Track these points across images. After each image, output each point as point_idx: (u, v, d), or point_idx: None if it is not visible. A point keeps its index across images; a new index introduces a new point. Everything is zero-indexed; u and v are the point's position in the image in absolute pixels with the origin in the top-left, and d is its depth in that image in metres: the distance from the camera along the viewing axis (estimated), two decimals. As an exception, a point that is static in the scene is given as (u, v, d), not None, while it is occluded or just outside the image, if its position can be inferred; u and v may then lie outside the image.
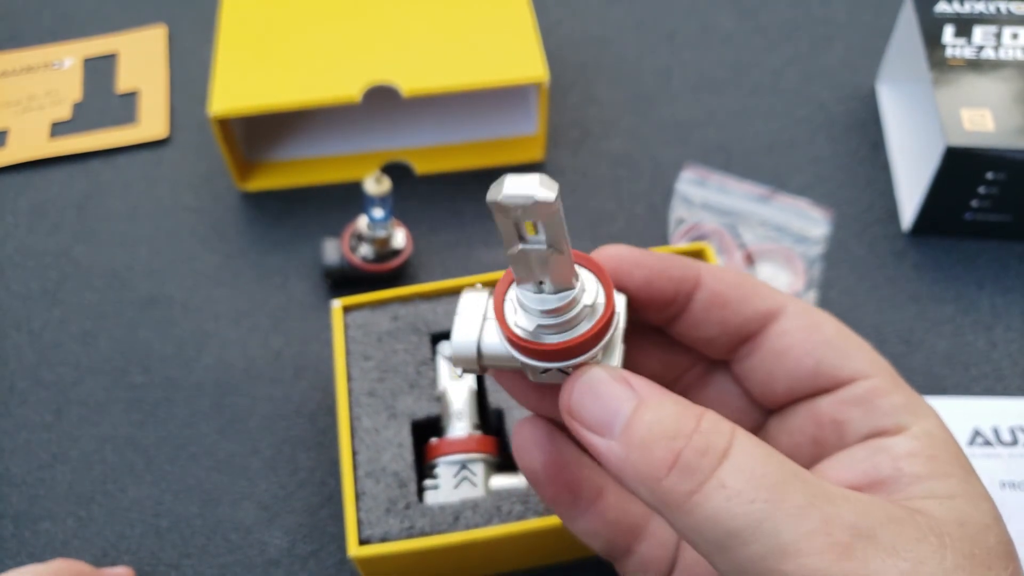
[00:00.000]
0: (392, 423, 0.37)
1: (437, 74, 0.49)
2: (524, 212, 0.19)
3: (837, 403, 0.25)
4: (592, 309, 0.23)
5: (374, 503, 0.35)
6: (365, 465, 0.36)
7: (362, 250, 0.46)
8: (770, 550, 0.19)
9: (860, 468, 0.23)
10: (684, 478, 0.20)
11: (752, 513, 0.19)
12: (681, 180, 0.51)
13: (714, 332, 0.26)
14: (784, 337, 0.25)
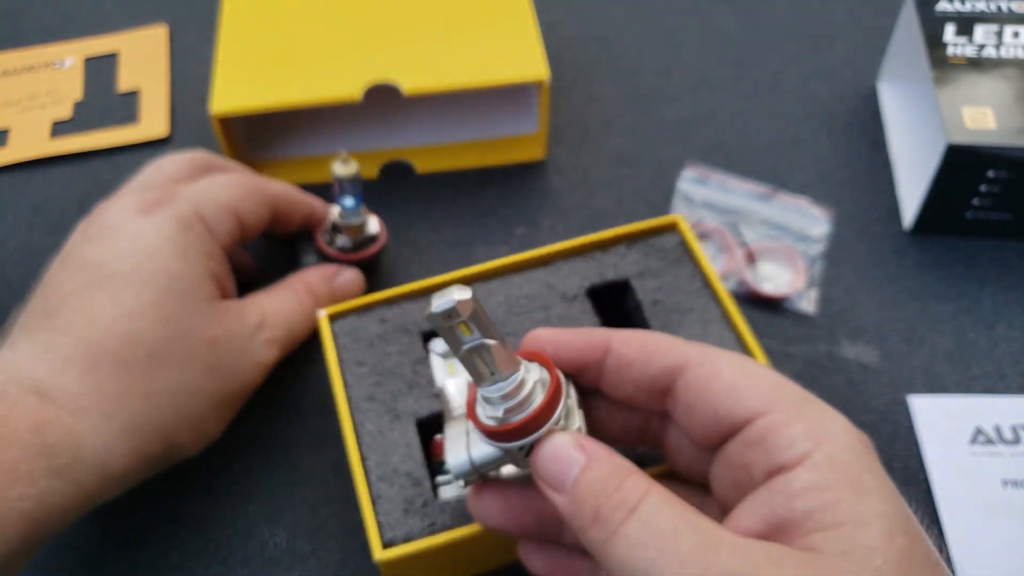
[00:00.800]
0: (396, 425, 0.37)
1: (438, 73, 0.49)
2: (452, 314, 0.24)
3: (740, 446, 0.26)
4: (542, 384, 0.27)
5: (391, 505, 0.35)
6: (376, 469, 0.36)
7: (339, 241, 0.45)
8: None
9: (760, 513, 0.24)
10: (601, 529, 0.24)
11: (644, 560, 0.23)
12: (682, 179, 0.51)
13: (630, 390, 0.29)
14: (687, 391, 0.27)
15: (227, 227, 0.40)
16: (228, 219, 0.40)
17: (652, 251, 0.41)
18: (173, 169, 0.42)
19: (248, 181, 0.42)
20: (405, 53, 0.50)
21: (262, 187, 0.42)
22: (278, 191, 0.43)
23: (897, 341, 0.45)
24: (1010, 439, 0.41)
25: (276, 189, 0.43)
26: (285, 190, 0.43)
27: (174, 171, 0.41)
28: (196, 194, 0.40)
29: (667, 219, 0.42)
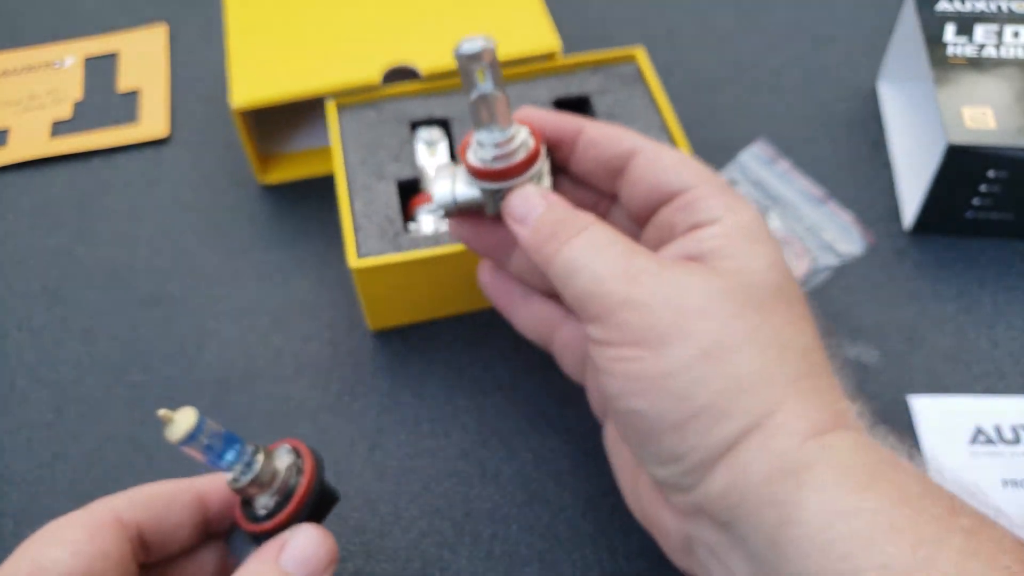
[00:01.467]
0: (381, 183, 0.45)
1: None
2: (477, 57, 0.29)
3: (670, 210, 0.32)
4: (525, 146, 0.32)
5: (369, 233, 0.43)
6: (361, 210, 0.44)
7: (258, 505, 0.31)
8: (592, 279, 0.29)
9: (675, 250, 0.31)
10: (553, 241, 0.31)
11: (584, 258, 0.30)
12: (747, 151, 0.52)
13: (591, 166, 0.35)
14: (637, 169, 0.33)
15: None
16: None
17: (612, 75, 0.50)
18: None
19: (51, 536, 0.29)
20: (417, 34, 0.51)
21: (84, 523, 0.29)
22: (128, 509, 0.30)
23: (897, 341, 0.45)
24: (1010, 439, 0.41)
25: (123, 508, 0.30)
26: (135, 499, 0.30)
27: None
28: None
29: (628, 51, 0.50)
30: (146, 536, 0.30)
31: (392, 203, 0.44)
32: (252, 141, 0.51)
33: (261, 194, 0.53)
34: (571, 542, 0.39)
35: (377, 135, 0.47)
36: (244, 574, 0.28)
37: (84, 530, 0.28)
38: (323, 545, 0.29)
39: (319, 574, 0.29)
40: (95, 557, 0.28)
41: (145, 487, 0.31)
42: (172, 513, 0.30)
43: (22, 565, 0.27)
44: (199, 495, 0.31)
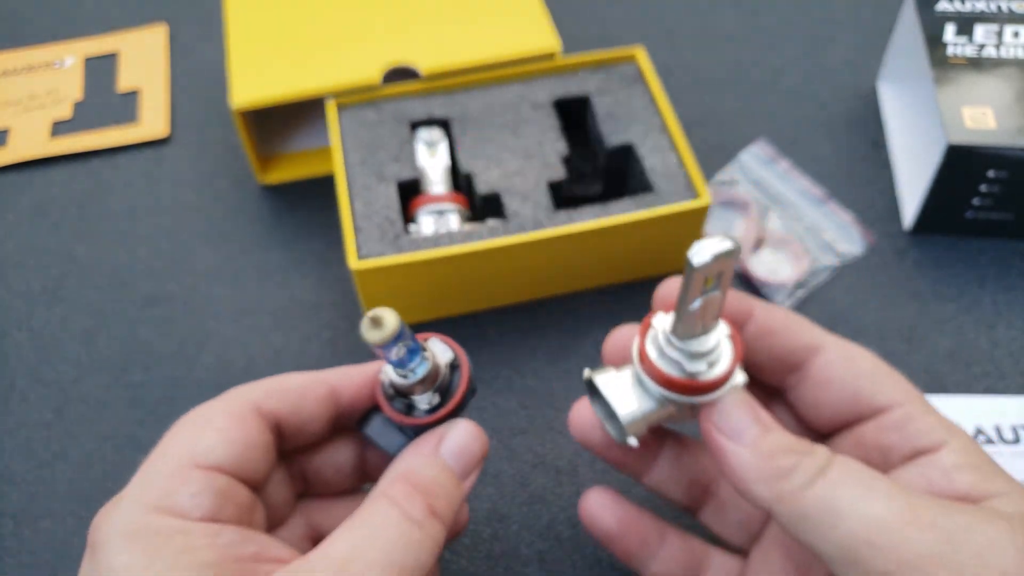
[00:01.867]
0: (381, 184, 0.45)
1: (453, 51, 0.49)
2: (723, 260, 0.24)
3: (877, 429, 0.28)
4: (728, 337, 0.28)
5: (369, 235, 0.43)
6: (361, 210, 0.44)
7: (421, 404, 0.30)
8: (867, 524, 0.24)
9: (916, 484, 0.27)
10: (801, 477, 0.25)
11: (851, 496, 0.24)
12: (747, 151, 0.52)
13: (763, 358, 0.30)
14: (826, 369, 0.29)
15: (195, 495, 0.26)
16: (193, 483, 0.26)
17: (612, 75, 0.49)
18: None
19: (211, 416, 0.28)
20: (417, 34, 0.51)
21: (236, 411, 0.28)
22: (265, 399, 0.29)
23: (897, 341, 0.45)
24: (1010, 439, 0.41)
25: (261, 398, 0.29)
26: (271, 390, 0.29)
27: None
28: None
29: (628, 51, 0.50)
30: (282, 427, 0.29)
31: (392, 204, 0.44)
32: (252, 141, 0.51)
33: (261, 194, 0.53)
34: (571, 542, 0.39)
35: (377, 135, 0.47)
36: (406, 464, 0.28)
37: (230, 418, 0.27)
38: (478, 440, 0.30)
39: (472, 467, 0.29)
40: (245, 445, 0.27)
41: (279, 378, 0.30)
42: (306, 405, 0.29)
43: (176, 450, 0.27)
44: (332, 389, 0.30)
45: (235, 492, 0.27)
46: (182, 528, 0.25)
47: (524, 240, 0.42)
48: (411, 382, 0.29)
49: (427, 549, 0.26)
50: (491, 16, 0.52)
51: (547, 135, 0.47)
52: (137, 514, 0.25)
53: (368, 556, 0.25)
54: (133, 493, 0.26)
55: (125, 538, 0.24)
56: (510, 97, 0.49)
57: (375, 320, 0.26)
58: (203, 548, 0.24)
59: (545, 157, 0.46)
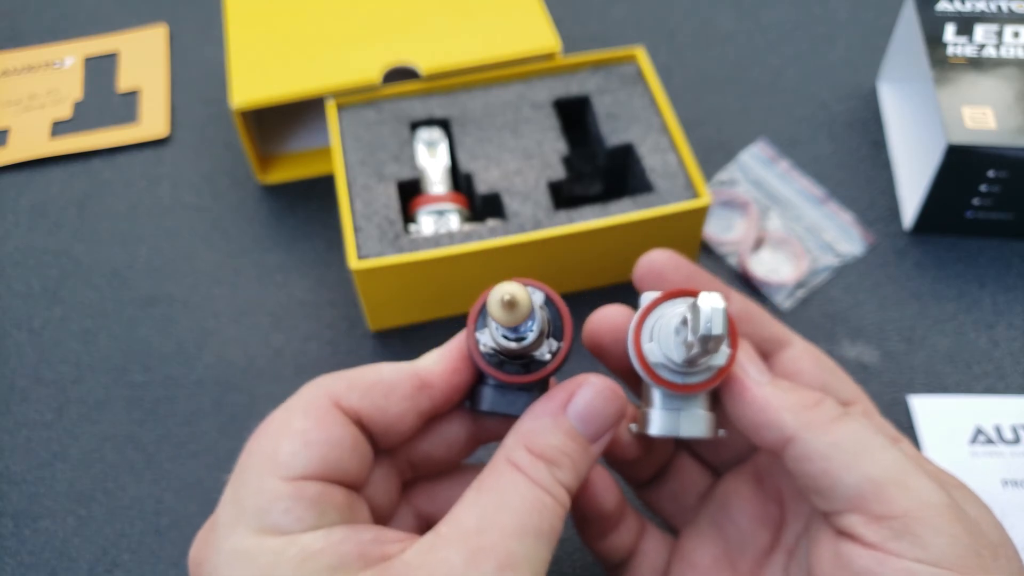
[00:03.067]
0: (381, 184, 0.45)
1: (453, 51, 0.49)
2: (715, 337, 0.25)
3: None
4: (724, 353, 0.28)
5: (369, 235, 0.43)
6: (361, 210, 0.44)
7: (543, 356, 0.27)
8: (886, 468, 0.25)
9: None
10: (827, 410, 0.27)
11: (877, 438, 0.26)
12: (747, 151, 0.52)
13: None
14: (796, 362, 0.30)
15: (289, 511, 0.24)
16: (284, 498, 0.24)
17: (612, 75, 0.50)
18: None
19: (300, 411, 0.26)
20: (417, 34, 0.51)
21: (322, 408, 0.26)
22: (346, 394, 0.27)
23: (897, 341, 0.45)
24: (1010, 439, 0.41)
25: (342, 393, 0.27)
26: (354, 383, 0.27)
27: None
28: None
29: (628, 51, 0.50)
30: (366, 425, 0.27)
31: (392, 204, 0.44)
32: (252, 141, 0.51)
33: (261, 194, 0.53)
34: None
35: (377, 135, 0.47)
36: (529, 428, 0.26)
37: (309, 418, 0.26)
38: (612, 400, 0.27)
39: (604, 429, 0.27)
40: (329, 444, 0.25)
41: (363, 372, 0.27)
42: (393, 403, 0.27)
43: (258, 464, 0.25)
44: (421, 382, 0.27)
45: (331, 497, 0.25)
46: (290, 542, 0.23)
47: (524, 240, 0.42)
48: (528, 342, 0.26)
49: (558, 515, 0.25)
50: (491, 16, 0.52)
51: (547, 135, 0.47)
52: (240, 539, 0.24)
53: (501, 523, 0.24)
54: (227, 517, 0.24)
55: (235, 563, 0.23)
56: (510, 97, 0.49)
57: (510, 303, 0.24)
58: (321, 552, 0.23)
59: (545, 157, 0.46)
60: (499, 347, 0.27)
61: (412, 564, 0.23)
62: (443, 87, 0.49)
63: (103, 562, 0.39)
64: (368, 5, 0.53)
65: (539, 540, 0.24)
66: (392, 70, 0.49)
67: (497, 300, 0.24)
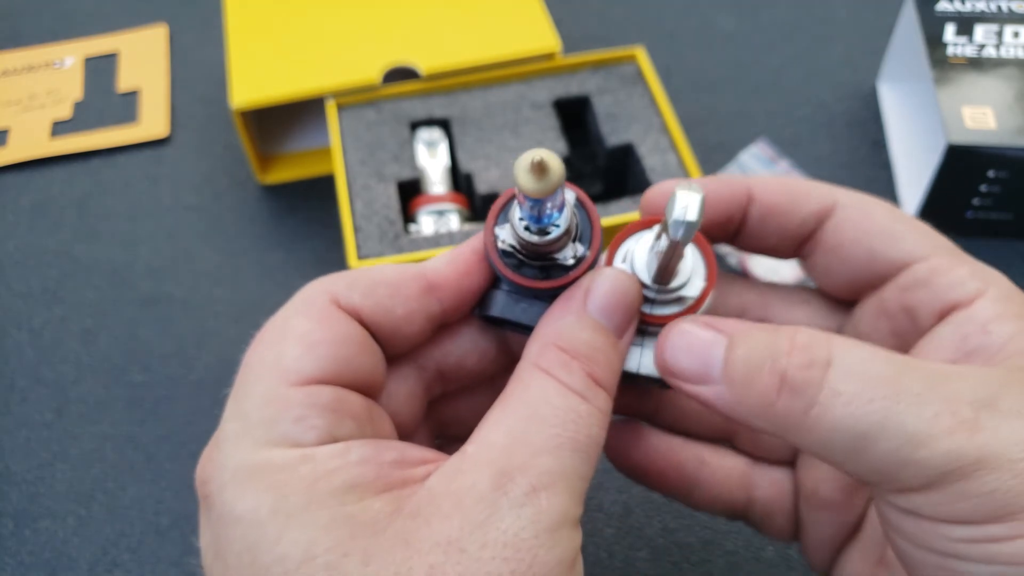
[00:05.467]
0: (381, 184, 0.45)
1: (453, 51, 0.49)
2: (692, 225, 0.21)
3: (901, 290, 0.25)
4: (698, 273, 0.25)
5: (369, 235, 0.43)
6: (361, 210, 0.44)
7: (565, 260, 0.25)
8: (901, 443, 0.20)
9: (949, 345, 0.23)
10: (795, 396, 0.21)
11: (875, 412, 0.20)
12: (747, 151, 0.52)
13: (774, 240, 0.27)
14: (837, 232, 0.26)
15: (301, 419, 0.22)
16: (294, 405, 0.22)
17: (612, 75, 0.50)
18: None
19: (298, 320, 0.24)
20: (417, 34, 0.51)
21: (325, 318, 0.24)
22: (347, 292, 0.24)
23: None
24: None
25: (342, 291, 0.24)
26: (354, 282, 0.24)
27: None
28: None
29: (628, 51, 0.50)
30: (369, 326, 0.24)
31: (392, 204, 0.44)
32: (252, 141, 0.51)
33: (261, 194, 0.53)
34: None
35: (377, 135, 0.47)
36: (554, 328, 0.24)
37: (311, 319, 0.23)
38: (630, 287, 0.24)
39: (628, 321, 0.24)
40: (337, 343, 0.23)
41: (364, 271, 0.25)
42: (398, 303, 0.24)
43: (262, 370, 0.23)
44: (429, 283, 0.25)
45: (346, 402, 0.22)
46: (303, 457, 0.21)
47: None
48: (553, 237, 0.23)
49: (596, 422, 0.22)
50: (491, 16, 0.52)
51: (547, 135, 0.47)
52: (248, 453, 0.21)
53: (533, 439, 0.21)
54: (232, 431, 0.22)
55: (243, 480, 0.21)
56: (510, 97, 0.49)
57: (540, 166, 0.21)
58: (335, 472, 0.21)
59: (545, 157, 0.46)
60: (520, 243, 0.24)
61: (435, 491, 0.21)
62: (443, 87, 0.49)
63: (103, 562, 0.39)
64: (368, 5, 0.53)
65: (575, 453, 0.21)
66: (392, 70, 0.49)
67: (526, 164, 0.21)
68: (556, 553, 0.20)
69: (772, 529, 0.29)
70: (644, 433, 0.29)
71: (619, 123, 0.47)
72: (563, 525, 0.21)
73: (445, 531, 0.20)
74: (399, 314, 0.24)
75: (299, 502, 0.20)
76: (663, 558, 0.38)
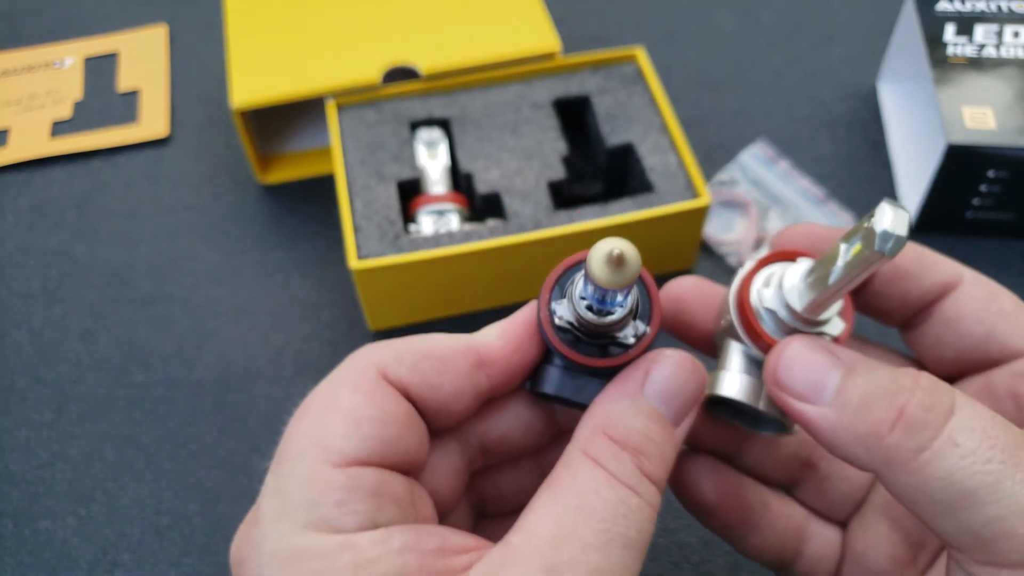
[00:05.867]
0: (381, 184, 0.45)
1: (453, 51, 0.49)
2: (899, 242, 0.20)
3: (1012, 375, 0.24)
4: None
5: (369, 235, 0.43)
6: (361, 210, 0.44)
7: (627, 339, 0.24)
8: (1010, 512, 0.19)
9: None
10: (910, 434, 0.20)
11: (990, 473, 0.19)
12: (747, 151, 0.52)
13: (894, 304, 0.26)
14: (959, 304, 0.25)
15: (343, 503, 0.21)
16: (336, 489, 0.21)
17: (612, 75, 0.50)
18: None
19: (345, 387, 0.23)
20: (417, 34, 0.51)
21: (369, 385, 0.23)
22: (394, 365, 0.23)
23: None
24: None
25: (389, 363, 0.23)
26: (403, 354, 0.24)
27: None
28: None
29: (628, 51, 0.50)
30: (415, 402, 0.23)
31: (392, 204, 0.44)
32: (252, 141, 0.51)
33: (261, 194, 0.53)
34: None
35: (377, 135, 0.47)
36: (606, 412, 0.23)
37: (358, 393, 0.22)
38: (693, 373, 0.23)
39: (687, 409, 0.23)
40: (384, 422, 0.22)
41: (413, 343, 0.24)
42: (447, 380, 0.24)
43: (304, 448, 0.22)
44: (480, 358, 0.24)
45: (389, 484, 0.22)
46: (344, 544, 0.20)
47: (524, 240, 0.42)
48: (616, 318, 0.23)
49: (647, 517, 0.21)
50: (491, 16, 0.52)
51: (547, 135, 0.47)
52: (287, 536, 0.21)
53: (582, 532, 0.20)
54: (272, 510, 0.21)
55: (281, 565, 0.20)
56: (510, 97, 0.49)
57: (619, 259, 0.20)
58: (376, 561, 0.20)
59: (545, 157, 0.46)
60: (579, 321, 0.23)
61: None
62: (443, 87, 0.49)
63: (103, 562, 0.39)
64: (368, 5, 0.53)
65: (626, 550, 0.21)
66: (392, 70, 0.49)
67: (604, 255, 0.20)
68: None
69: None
70: (716, 467, 0.28)
71: (619, 123, 0.47)
72: None
73: None
74: (447, 391, 0.24)
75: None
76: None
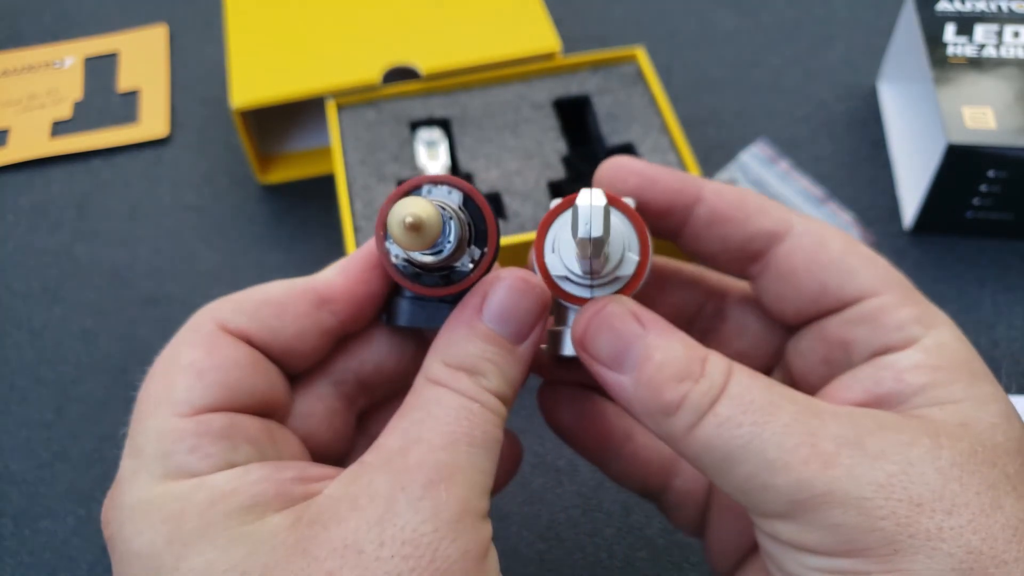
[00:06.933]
0: (381, 183, 0.45)
1: (453, 51, 0.50)
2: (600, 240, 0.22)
3: (843, 323, 0.25)
4: (629, 263, 0.25)
5: (369, 235, 0.43)
6: (361, 211, 0.44)
7: (464, 267, 0.24)
8: (760, 468, 0.21)
9: (863, 386, 0.24)
10: (686, 414, 0.22)
11: (741, 436, 0.21)
12: (747, 151, 0.52)
13: (716, 248, 0.27)
14: (789, 258, 0.25)
15: (194, 448, 0.22)
16: (185, 436, 0.22)
17: (612, 75, 0.50)
18: None
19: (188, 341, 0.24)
20: (417, 34, 0.51)
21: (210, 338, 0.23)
22: (232, 317, 0.24)
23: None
24: (1010, 439, 0.41)
25: (227, 316, 0.24)
26: (239, 305, 0.24)
27: None
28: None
29: (628, 51, 0.50)
30: (260, 348, 0.24)
31: None
32: (252, 141, 0.51)
33: (261, 194, 0.53)
34: (571, 542, 0.39)
35: (377, 135, 0.47)
36: (444, 341, 0.23)
37: (197, 348, 0.23)
38: (527, 292, 0.24)
39: (528, 325, 0.24)
40: (225, 369, 0.23)
41: (249, 293, 0.24)
42: (287, 323, 0.24)
43: (152, 406, 0.22)
44: (319, 297, 0.25)
45: (242, 428, 0.22)
46: (199, 484, 0.21)
47: (524, 240, 0.42)
48: (446, 254, 0.23)
49: (491, 422, 0.23)
50: (491, 16, 0.52)
51: (547, 135, 0.47)
52: (144, 488, 0.21)
53: (427, 437, 0.21)
54: (129, 469, 0.22)
55: (138, 516, 0.21)
56: (510, 97, 0.49)
57: (414, 226, 0.20)
58: (232, 494, 0.21)
59: (545, 157, 0.46)
60: (411, 260, 0.24)
61: (335, 497, 0.21)
62: (443, 87, 0.49)
63: (103, 562, 0.39)
64: (368, 5, 0.53)
65: (472, 448, 0.22)
66: (392, 70, 0.49)
67: (398, 223, 0.20)
68: (459, 545, 0.20)
69: (680, 519, 0.30)
70: (578, 395, 0.29)
71: (619, 123, 0.47)
72: (465, 517, 0.21)
73: (341, 535, 0.20)
74: (290, 332, 0.24)
75: (195, 528, 0.20)
76: (663, 558, 0.38)
